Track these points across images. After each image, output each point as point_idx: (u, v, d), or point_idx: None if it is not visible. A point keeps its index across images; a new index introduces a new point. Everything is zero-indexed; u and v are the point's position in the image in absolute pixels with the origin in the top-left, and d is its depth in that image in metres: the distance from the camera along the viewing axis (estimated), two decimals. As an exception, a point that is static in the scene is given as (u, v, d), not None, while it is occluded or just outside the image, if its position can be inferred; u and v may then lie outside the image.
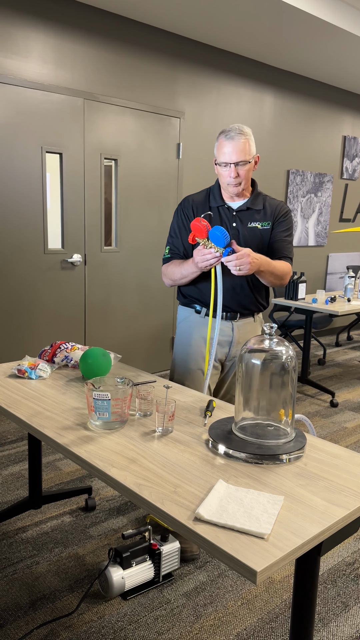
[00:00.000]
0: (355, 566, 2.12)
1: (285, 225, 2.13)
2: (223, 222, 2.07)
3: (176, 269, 2.08)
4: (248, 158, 1.95)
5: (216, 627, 1.78)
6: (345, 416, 3.73)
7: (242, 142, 1.93)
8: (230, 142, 1.93)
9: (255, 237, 2.08)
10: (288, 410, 1.40)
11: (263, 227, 2.09)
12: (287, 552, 0.97)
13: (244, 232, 2.07)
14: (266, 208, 2.10)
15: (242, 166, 1.96)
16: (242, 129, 1.95)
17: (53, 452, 3.04)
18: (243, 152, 1.94)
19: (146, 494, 1.15)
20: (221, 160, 1.97)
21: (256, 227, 2.08)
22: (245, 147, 1.94)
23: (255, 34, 4.12)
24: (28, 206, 3.61)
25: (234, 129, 1.95)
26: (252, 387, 1.40)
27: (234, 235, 2.07)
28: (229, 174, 1.97)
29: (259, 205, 2.09)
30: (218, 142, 1.99)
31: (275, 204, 2.12)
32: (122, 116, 3.97)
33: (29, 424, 1.51)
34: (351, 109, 5.87)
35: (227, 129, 1.97)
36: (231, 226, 2.07)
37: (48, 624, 1.78)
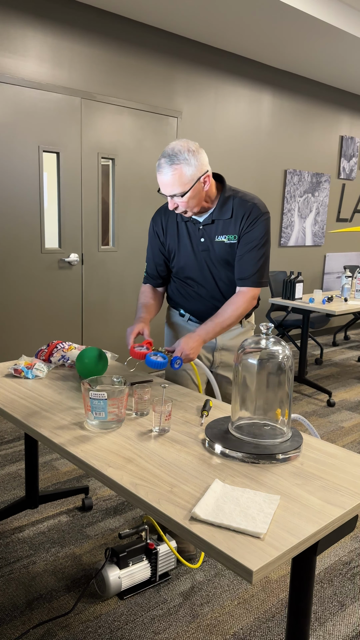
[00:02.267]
0: (351, 565, 2.12)
1: (251, 237, 1.84)
2: (191, 239, 1.92)
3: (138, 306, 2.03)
4: (184, 189, 1.72)
5: (213, 626, 1.78)
6: (342, 416, 3.74)
7: (172, 175, 1.69)
8: (160, 176, 1.72)
9: (224, 252, 1.89)
10: (284, 410, 1.40)
11: (230, 241, 1.86)
12: (283, 552, 0.98)
13: (212, 247, 1.90)
14: (234, 216, 1.85)
15: (180, 197, 1.75)
16: (175, 157, 1.69)
17: (50, 451, 3.04)
18: (173, 186, 1.71)
19: (142, 494, 1.15)
20: (160, 190, 1.78)
21: (223, 241, 1.87)
22: (176, 180, 1.70)
23: (253, 34, 4.12)
24: (25, 205, 3.60)
25: (166, 156, 1.70)
26: (248, 386, 1.40)
27: (205, 250, 1.90)
28: (169, 204, 1.80)
29: (227, 213, 1.85)
30: None
31: (243, 208, 1.84)
32: (119, 115, 3.97)
33: (26, 424, 1.51)
34: (349, 109, 5.88)
35: (163, 152, 1.72)
36: (199, 242, 1.90)
37: (45, 623, 1.77)
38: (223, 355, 2.07)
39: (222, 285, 1.96)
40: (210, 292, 1.98)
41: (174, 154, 1.69)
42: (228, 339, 2.05)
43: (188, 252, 1.94)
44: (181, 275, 2.01)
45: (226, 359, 2.07)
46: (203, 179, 1.75)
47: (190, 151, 1.70)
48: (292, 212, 5.50)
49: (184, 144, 1.70)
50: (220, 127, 4.68)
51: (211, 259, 1.92)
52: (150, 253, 2.05)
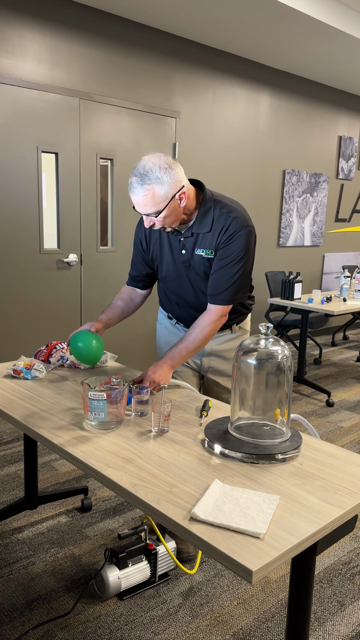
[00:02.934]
0: (351, 565, 2.13)
1: (227, 252, 1.76)
2: (172, 249, 1.87)
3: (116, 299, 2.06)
4: (158, 208, 1.64)
5: (212, 626, 1.78)
6: (341, 415, 3.74)
7: (144, 196, 1.61)
8: (132, 195, 1.65)
9: (203, 265, 1.83)
10: (284, 410, 1.40)
11: (207, 256, 1.80)
12: (282, 552, 0.98)
13: (192, 259, 1.84)
14: (212, 230, 1.77)
15: (154, 216, 1.68)
16: (145, 177, 1.60)
17: (49, 452, 3.04)
18: (145, 206, 1.64)
19: (142, 494, 1.15)
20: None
21: (201, 255, 1.81)
22: (148, 201, 1.62)
23: (251, 34, 4.12)
24: (24, 206, 3.60)
25: (137, 175, 1.61)
26: (247, 386, 1.40)
27: (185, 262, 1.85)
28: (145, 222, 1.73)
29: (206, 226, 1.77)
30: None
31: (221, 222, 1.75)
32: (118, 116, 3.97)
33: (25, 425, 1.51)
34: (347, 109, 5.89)
35: (135, 169, 1.64)
36: (180, 253, 1.85)
37: (44, 624, 1.77)
38: (212, 360, 2.03)
39: (202, 297, 1.91)
40: (190, 302, 1.94)
41: (145, 173, 1.60)
42: (216, 344, 2.01)
43: (169, 263, 1.90)
44: (164, 285, 2.00)
45: (215, 365, 2.03)
46: (179, 195, 1.65)
47: (162, 169, 1.60)
48: (291, 212, 5.50)
49: (155, 161, 1.61)
50: (219, 128, 4.68)
51: (191, 271, 1.86)
52: (134, 257, 2.02)
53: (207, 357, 2.03)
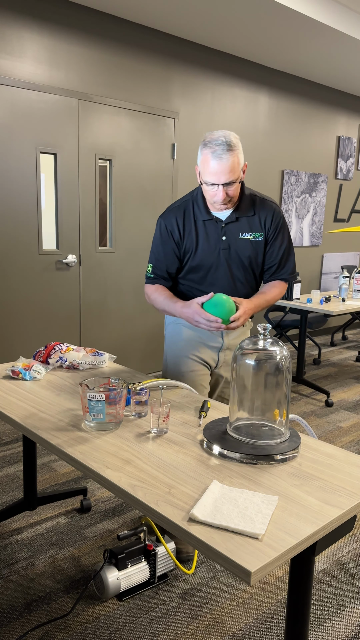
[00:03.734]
0: (350, 565, 2.13)
1: (282, 237, 1.92)
2: (209, 237, 1.90)
3: (161, 302, 1.93)
4: (237, 175, 1.73)
5: (211, 627, 1.78)
6: (340, 416, 3.74)
7: (231, 160, 1.69)
8: (217, 162, 1.69)
9: (247, 249, 1.91)
10: (282, 411, 1.40)
11: (255, 239, 1.90)
12: (281, 552, 0.98)
13: (234, 245, 1.90)
14: (257, 214, 1.89)
15: (231, 185, 1.74)
16: (230, 142, 1.69)
17: (48, 453, 3.04)
18: (232, 172, 1.71)
19: (140, 495, 1.15)
20: (207, 180, 1.75)
21: (248, 239, 1.89)
22: (234, 165, 1.70)
23: (250, 35, 4.13)
24: (22, 207, 3.60)
25: (221, 143, 1.68)
26: (246, 387, 1.40)
27: (225, 249, 1.90)
28: (217, 195, 1.76)
29: (249, 211, 1.88)
30: (203, 156, 1.73)
31: (266, 209, 1.90)
32: (116, 116, 3.97)
33: (24, 426, 1.51)
34: (345, 109, 5.89)
35: (211, 140, 1.70)
36: (220, 240, 1.90)
37: (43, 625, 1.77)
38: (227, 355, 2.08)
39: (239, 286, 1.97)
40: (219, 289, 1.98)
41: (229, 141, 1.69)
42: (232, 339, 2.06)
43: (205, 251, 1.90)
44: (194, 277, 1.97)
45: (229, 359, 2.08)
46: (243, 168, 1.79)
47: (237, 139, 1.73)
48: (290, 212, 5.51)
49: (230, 132, 1.73)
50: (217, 128, 4.68)
51: (232, 258, 1.91)
52: (159, 254, 1.95)
53: (224, 352, 2.07)
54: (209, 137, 1.72)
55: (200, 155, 1.76)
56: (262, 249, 1.94)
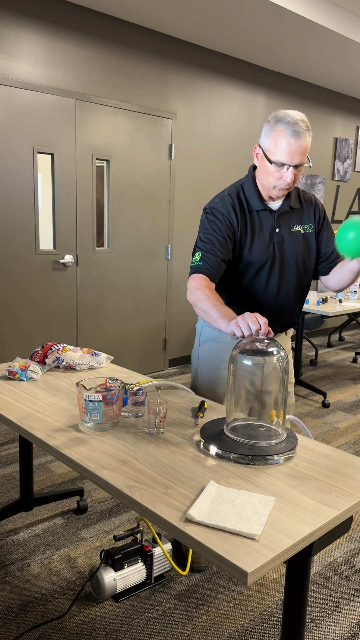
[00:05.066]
0: (346, 566, 2.13)
1: (329, 226, 1.86)
2: (263, 229, 1.74)
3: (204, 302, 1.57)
4: (305, 159, 1.62)
5: (208, 628, 1.78)
6: (337, 417, 3.74)
7: (307, 140, 1.58)
8: (296, 140, 1.55)
9: (299, 242, 1.78)
10: (279, 411, 1.40)
11: (306, 231, 1.80)
12: (278, 553, 0.98)
13: (288, 237, 1.77)
14: (303, 206, 1.80)
15: (299, 169, 1.62)
16: (306, 121, 1.59)
17: (44, 454, 3.03)
18: (304, 154, 1.60)
19: (137, 496, 1.15)
20: (278, 159, 1.58)
21: (299, 231, 1.78)
22: (308, 147, 1.60)
23: (248, 36, 4.13)
24: (19, 207, 3.59)
25: (299, 120, 1.56)
26: (243, 387, 1.40)
27: (280, 242, 1.75)
28: (285, 177, 1.61)
29: (297, 202, 1.78)
30: (275, 132, 1.57)
31: (311, 200, 1.83)
32: (114, 117, 3.97)
33: (20, 426, 1.51)
34: (343, 111, 5.90)
35: (286, 116, 1.56)
36: (274, 232, 1.75)
37: (39, 626, 1.77)
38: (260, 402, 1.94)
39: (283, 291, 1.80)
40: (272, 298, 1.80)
41: (304, 120, 1.58)
42: None
43: (259, 245, 1.74)
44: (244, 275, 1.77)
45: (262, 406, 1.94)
46: None
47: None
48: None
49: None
50: (215, 129, 4.69)
51: (285, 253, 1.77)
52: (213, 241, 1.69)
53: None
54: (282, 113, 1.58)
55: (270, 133, 1.59)
56: (314, 242, 1.81)
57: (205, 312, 1.56)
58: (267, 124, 1.61)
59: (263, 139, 1.63)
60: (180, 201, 4.57)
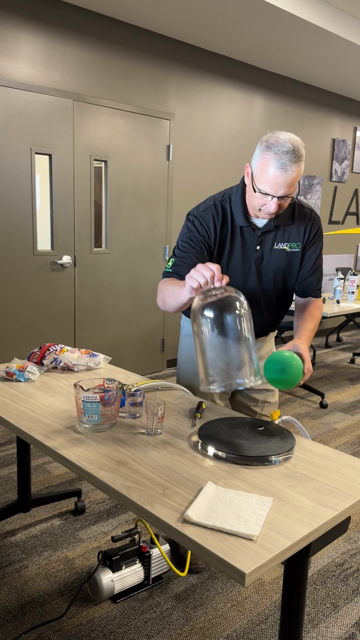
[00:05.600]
0: (344, 567, 2.13)
1: (317, 248, 1.76)
2: (245, 246, 1.72)
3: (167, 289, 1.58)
4: (295, 188, 1.55)
5: (206, 629, 1.78)
6: (335, 417, 3.75)
7: (296, 173, 1.50)
8: (282, 173, 1.49)
9: (282, 260, 1.74)
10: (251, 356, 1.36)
11: (292, 250, 1.74)
12: (275, 554, 0.98)
13: (268, 256, 1.73)
14: (296, 222, 1.73)
15: (286, 199, 1.56)
16: (297, 151, 1.49)
17: (42, 455, 3.03)
18: (292, 186, 1.53)
19: (135, 497, 1.15)
20: (262, 188, 1.53)
21: (284, 249, 1.73)
22: (296, 178, 1.52)
23: (246, 37, 4.14)
24: (17, 207, 3.59)
25: (288, 150, 1.48)
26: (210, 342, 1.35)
27: (258, 259, 1.73)
28: (268, 206, 1.57)
29: (288, 219, 1.72)
30: (262, 160, 1.51)
31: (305, 217, 1.74)
32: (112, 118, 3.97)
33: (18, 427, 1.50)
34: (340, 112, 5.91)
35: (277, 144, 1.49)
36: (254, 250, 1.72)
37: (37, 628, 1.76)
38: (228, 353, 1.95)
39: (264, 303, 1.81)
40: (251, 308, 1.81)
41: (296, 149, 1.49)
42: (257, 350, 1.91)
43: (238, 261, 1.73)
44: None
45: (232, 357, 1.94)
46: None
47: (303, 147, 1.53)
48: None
49: (297, 138, 1.53)
50: (213, 130, 4.69)
51: (264, 269, 1.75)
52: (187, 251, 1.69)
53: None
54: (273, 139, 1.50)
55: (259, 158, 1.53)
56: (299, 260, 1.77)
57: (171, 296, 1.54)
58: (259, 146, 1.55)
59: (253, 162, 1.58)
60: (178, 202, 4.57)
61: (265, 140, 1.53)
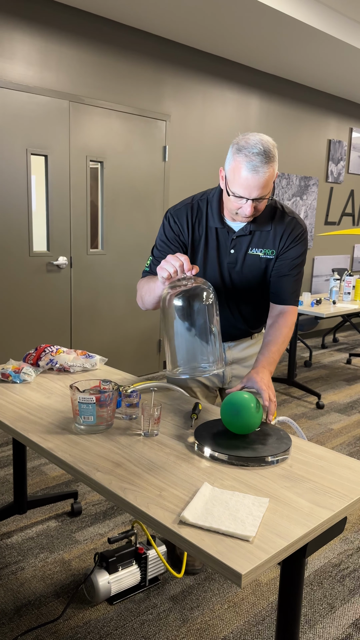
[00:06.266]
0: (341, 567, 2.13)
1: (295, 254, 1.69)
2: (219, 248, 1.70)
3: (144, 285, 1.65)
4: (269, 189, 1.52)
5: (203, 630, 1.78)
6: (331, 418, 3.75)
7: (268, 174, 1.47)
8: (252, 175, 1.46)
9: (255, 266, 1.71)
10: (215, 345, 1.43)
11: (266, 256, 1.70)
12: (272, 555, 0.97)
13: (242, 260, 1.71)
14: (273, 229, 1.68)
15: (261, 201, 1.53)
16: (269, 152, 1.46)
17: (38, 456, 3.02)
18: (266, 187, 1.50)
19: (131, 498, 1.15)
20: (235, 192, 1.51)
21: (257, 254, 1.70)
22: (269, 179, 1.49)
23: (242, 38, 4.14)
24: (13, 208, 3.58)
25: (258, 152, 1.45)
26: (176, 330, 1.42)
27: (231, 263, 1.71)
28: (243, 209, 1.55)
29: (266, 225, 1.68)
30: (234, 163, 1.49)
31: (285, 223, 1.68)
32: (108, 118, 3.96)
33: (13, 429, 1.50)
34: (336, 113, 5.93)
35: (247, 146, 1.46)
36: (227, 253, 1.70)
37: (33, 630, 1.76)
38: (234, 369, 1.91)
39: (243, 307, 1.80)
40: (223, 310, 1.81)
41: (267, 150, 1.46)
42: (237, 352, 1.90)
43: (213, 263, 1.72)
44: None
45: (238, 372, 1.92)
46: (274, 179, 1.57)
47: (275, 147, 1.49)
48: (281, 215, 5.52)
49: (268, 138, 1.49)
50: (209, 131, 4.69)
51: (237, 274, 1.73)
52: (163, 250, 1.72)
53: (230, 367, 1.90)
54: (244, 141, 1.48)
55: (230, 161, 1.50)
56: (272, 267, 1.74)
57: (148, 291, 1.61)
58: (231, 149, 1.51)
59: (226, 164, 1.55)
60: (175, 203, 4.57)
61: (236, 142, 1.50)
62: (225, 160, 1.57)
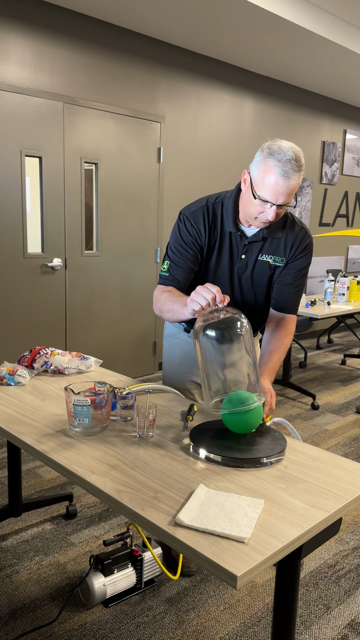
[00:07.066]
0: (336, 568, 2.13)
1: (301, 264, 1.73)
2: (232, 253, 1.72)
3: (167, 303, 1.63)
4: (292, 198, 1.56)
5: (199, 632, 1.78)
6: (326, 418, 3.76)
7: (297, 182, 1.50)
8: (284, 181, 1.48)
9: (264, 272, 1.74)
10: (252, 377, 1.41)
11: (275, 263, 1.73)
12: (267, 556, 0.97)
13: (252, 266, 1.73)
14: (285, 237, 1.71)
15: (283, 208, 1.56)
16: (300, 160, 1.50)
17: (33, 459, 3.01)
18: (292, 195, 1.53)
19: (126, 500, 1.15)
20: (262, 195, 1.52)
21: (267, 261, 1.72)
22: (296, 188, 1.53)
23: (236, 40, 4.15)
24: (7, 210, 3.57)
25: (291, 159, 1.48)
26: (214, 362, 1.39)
27: (241, 268, 1.73)
28: (266, 213, 1.56)
29: (278, 232, 1.70)
30: (265, 167, 1.50)
31: (295, 233, 1.71)
32: (102, 120, 3.96)
33: (8, 431, 1.49)
34: (330, 115, 5.95)
35: (280, 151, 1.48)
36: (239, 258, 1.72)
37: (28, 633, 1.75)
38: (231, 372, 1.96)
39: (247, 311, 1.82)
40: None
41: (299, 159, 1.49)
42: None
43: (224, 268, 1.73)
44: None
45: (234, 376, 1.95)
46: None
47: (303, 156, 1.53)
48: (275, 216, 5.53)
49: (298, 147, 1.53)
50: (203, 132, 4.70)
51: (245, 279, 1.75)
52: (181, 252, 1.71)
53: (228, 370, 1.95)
54: (276, 146, 1.50)
55: (260, 164, 1.52)
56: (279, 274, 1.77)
57: (171, 311, 1.60)
58: (260, 153, 1.53)
59: (253, 168, 1.56)
60: (169, 204, 4.57)
61: (268, 147, 1.51)
62: (252, 163, 1.57)
